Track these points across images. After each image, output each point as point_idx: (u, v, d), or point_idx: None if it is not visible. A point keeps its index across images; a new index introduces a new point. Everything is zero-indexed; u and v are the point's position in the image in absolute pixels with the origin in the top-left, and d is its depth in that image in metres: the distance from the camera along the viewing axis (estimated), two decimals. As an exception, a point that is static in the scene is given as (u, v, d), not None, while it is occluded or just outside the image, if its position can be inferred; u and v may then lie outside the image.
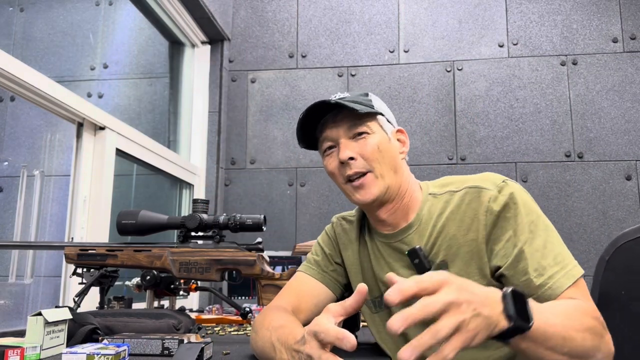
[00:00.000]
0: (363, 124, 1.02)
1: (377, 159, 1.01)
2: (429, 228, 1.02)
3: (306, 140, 1.09)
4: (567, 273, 0.90)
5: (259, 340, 0.93)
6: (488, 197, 0.97)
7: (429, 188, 1.07)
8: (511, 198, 0.96)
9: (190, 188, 2.89)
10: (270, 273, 1.34)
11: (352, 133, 1.02)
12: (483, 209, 0.96)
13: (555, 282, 0.89)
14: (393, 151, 1.04)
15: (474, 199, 0.98)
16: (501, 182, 0.98)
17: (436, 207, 1.03)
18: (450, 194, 1.02)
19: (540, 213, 0.97)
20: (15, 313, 1.87)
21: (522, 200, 0.96)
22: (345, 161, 1.01)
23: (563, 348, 0.79)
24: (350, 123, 1.02)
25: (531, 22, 2.94)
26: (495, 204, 0.95)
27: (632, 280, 1.08)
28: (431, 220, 1.02)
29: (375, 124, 1.04)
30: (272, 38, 3.13)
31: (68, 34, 2.31)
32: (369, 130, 1.02)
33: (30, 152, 2.06)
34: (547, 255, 0.92)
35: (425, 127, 2.91)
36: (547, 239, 0.93)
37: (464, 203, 0.99)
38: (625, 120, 2.77)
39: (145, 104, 2.80)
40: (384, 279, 1.06)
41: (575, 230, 2.70)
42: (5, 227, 1.91)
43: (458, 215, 0.99)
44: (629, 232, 1.10)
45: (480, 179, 1.01)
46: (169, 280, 1.51)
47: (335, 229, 1.18)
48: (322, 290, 1.12)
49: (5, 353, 0.89)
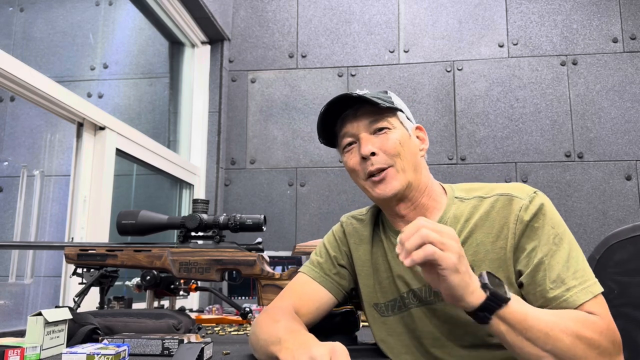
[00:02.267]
0: (384, 119, 1.01)
1: (399, 153, 1.00)
2: (456, 232, 1.00)
3: (326, 137, 1.08)
4: (586, 289, 0.89)
5: (262, 335, 0.93)
6: (519, 205, 0.96)
7: (455, 191, 1.06)
8: (541, 209, 0.95)
9: (190, 188, 2.89)
10: (270, 273, 1.34)
11: (373, 128, 1.01)
12: (514, 217, 0.96)
13: (572, 296, 0.89)
14: (414, 148, 1.04)
15: (505, 207, 0.97)
16: (532, 192, 0.98)
17: (463, 212, 1.01)
18: (479, 200, 1.01)
19: (566, 227, 0.96)
20: (15, 313, 1.87)
21: (551, 212, 0.96)
22: (367, 156, 1.00)
23: (546, 345, 0.80)
24: (372, 118, 1.01)
25: (531, 22, 2.94)
26: (526, 214, 0.95)
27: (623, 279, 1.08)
28: (457, 225, 1.00)
29: (396, 120, 1.03)
30: (272, 38, 3.13)
31: (68, 34, 2.31)
32: (390, 125, 1.02)
33: (30, 152, 2.06)
34: (568, 269, 0.91)
35: (425, 127, 2.87)
36: (571, 254, 0.93)
37: (494, 210, 0.98)
38: (625, 120, 2.77)
39: (145, 104, 2.80)
40: (404, 275, 1.05)
41: (575, 230, 2.70)
42: (5, 227, 1.91)
43: (487, 222, 0.98)
44: (620, 232, 1.10)
45: (512, 187, 1.00)
46: (169, 280, 1.51)
47: (346, 229, 1.15)
48: (323, 294, 1.10)
49: (5, 353, 0.89)
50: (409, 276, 1.04)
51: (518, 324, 0.81)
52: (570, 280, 0.90)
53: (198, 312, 2.02)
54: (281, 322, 0.93)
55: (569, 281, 0.90)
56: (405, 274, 1.04)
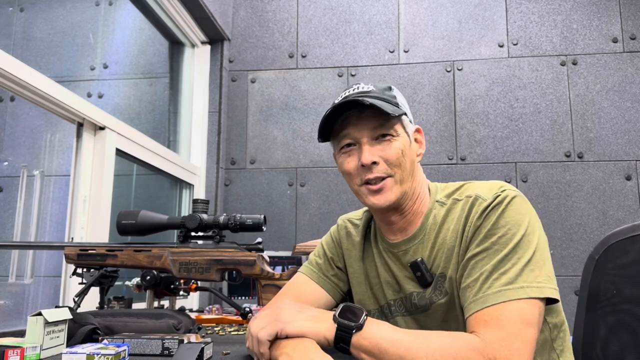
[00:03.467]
0: (390, 126, 0.96)
1: (400, 164, 0.96)
2: (432, 238, 0.99)
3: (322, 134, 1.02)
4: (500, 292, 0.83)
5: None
6: (481, 207, 0.93)
7: (437, 193, 1.03)
8: (497, 206, 0.91)
9: (190, 188, 2.89)
10: (270, 273, 1.34)
11: (376, 134, 0.96)
12: (471, 219, 0.93)
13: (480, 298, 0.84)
14: (413, 155, 1.01)
15: (469, 209, 0.95)
16: (500, 191, 0.93)
17: (440, 216, 0.99)
18: (454, 203, 0.99)
19: (525, 228, 0.88)
20: (15, 313, 1.87)
21: (511, 210, 0.90)
22: (368, 165, 0.96)
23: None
24: (377, 123, 0.96)
25: (531, 22, 2.94)
26: (483, 213, 0.92)
27: (623, 279, 1.07)
28: (434, 231, 0.99)
29: (400, 126, 0.99)
30: (272, 38, 3.13)
31: (68, 34, 2.31)
32: (394, 133, 0.97)
33: (30, 152, 2.06)
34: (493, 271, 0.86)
35: (425, 127, 2.91)
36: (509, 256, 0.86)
37: (462, 212, 0.96)
38: (625, 120, 2.77)
39: (145, 104, 2.80)
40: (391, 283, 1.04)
41: (575, 230, 2.70)
42: (5, 227, 1.91)
43: (455, 226, 0.96)
44: (619, 232, 1.10)
45: (482, 187, 0.97)
46: (169, 280, 1.51)
47: (340, 232, 1.15)
48: (321, 295, 1.10)
49: (5, 353, 0.89)
50: (396, 284, 1.04)
51: (372, 349, 0.80)
52: (487, 284, 0.85)
53: (198, 312, 2.02)
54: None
55: (484, 286, 0.85)
56: (392, 281, 1.04)
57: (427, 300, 0.99)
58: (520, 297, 0.82)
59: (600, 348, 1.05)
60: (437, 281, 0.98)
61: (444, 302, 0.97)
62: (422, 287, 0.99)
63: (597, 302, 1.09)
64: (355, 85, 1.01)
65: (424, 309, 1.00)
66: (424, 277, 0.98)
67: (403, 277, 1.02)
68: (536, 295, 0.83)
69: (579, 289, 1.13)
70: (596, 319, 0.86)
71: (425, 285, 0.99)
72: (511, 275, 0.84)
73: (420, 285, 0.99)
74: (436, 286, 0.98)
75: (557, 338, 0.99)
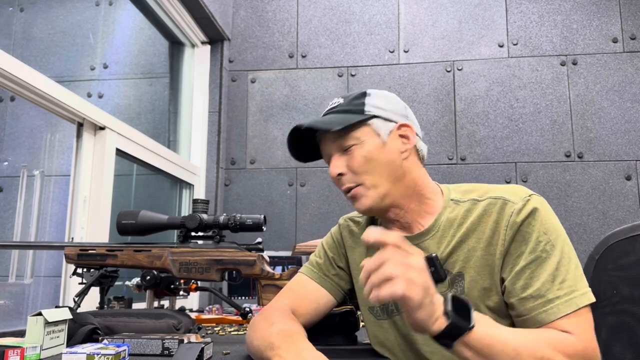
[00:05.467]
0: (349, 136, 0.99)
1: (367, 170, 0.98)
2: (448, 236, 0.98)
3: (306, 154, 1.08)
4: (570, 300, 0.86)
5: (256, 340, 0.93)
6: (511, 210, 0.93)
7: (451, 193, 1.03)
8: (532, 213, 0.92)
9: (190, 188, 2.89)
10: (270, 273, 1.34)
11: (340, 147, 1.00)
12: (504, 223, 0.93)
13: (549, 309, 0.87)
14: (389, 156, 0.99)
15: (497, 211, 0.94)
16: (527, 195, 0.94)
17: (457, 215, 0.99)
18: (473, 203, 0.98)
19: (561, 234, 0.93)
20: (15, 313, 1.87)
21: (545, 217, 0.93)
22: (335, 178, 1.00)
23: None
24: (337, 136, 1.00)
25: (531, 22, 2.94)
26: (517, 218, 0.92)
27: (623, 279, 1.07)
28: (451, 229, 0.98)
29: (366, 131, 0.99)
30: (272, 38, 3.13)
31: (68, 34, 2.31)
32: (356, 141, 0.98)
33: (30, 152, 2.06)
34: (554, 280, 0.88)
35: (425, 127, 2.91)
36: (562, 262, 0.89)
37: (487, 214, 0.95)
38: (625, 120, 2.77)
39: (145, 104, 2.80)
40: None
41: (576, 230, 2.70)
42: (5, 227, 1.91)
43: (480, 227, 0.96)
44: (619, 232, 1.10)
45: (507, 190, 0.97)
46: (169, 280, 1.51)
47: (342, 232, 1.15)
48: (322, 295, 1.10)
49: (5, 353, 0.89)
50: None
51: (483, 349, 0.79)
52: (553, 291, 0.87)
53: (198, 312, 2.02)
54: (275, 326, 0.92)
55: (551, 293, 0.87)
56: None
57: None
58: (585, 303, 0.87)
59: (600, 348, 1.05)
60: (454, 280, 0.97)
61: None
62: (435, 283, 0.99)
63: (597, 302, 1.08)
64: (331, 101, 1.06)
65: None
66: (437, 272, 0.96)
67: None
68: (590, 300, 0.89)
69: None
70: (596, 319, 0.86)
71: (437, 281, 0.98)
72: (570, 283, 0.88)
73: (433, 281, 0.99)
74: (452, 284, 0.97)
75: None
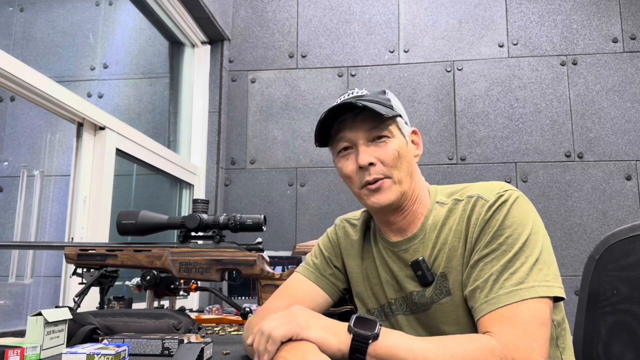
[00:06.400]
0: (385, 127, 0.97)
1: (397, 165, 0.97)
2: (433, 238, 0.99)
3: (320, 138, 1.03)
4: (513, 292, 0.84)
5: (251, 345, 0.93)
6: (483, 207, 0.93)
7: (437, 195, 1.04)
8: (499, 208, 0.92)
9: (190, 188, 2.89)
10: (270, 273, 1.34)
11: (372, 136, 0.97)
12: (474, 220, 0.94)
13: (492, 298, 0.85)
14: (410, 156, 1.01)
15: (471, 209, 0.95)
16: (501, 191, 0.94)
17: (440, 217, 1.00)
18: (454, 203, 0.99)
19: (529, 227, 0.90)
20: (15, 313, 1.87)
21: (515, 211, 0.91)
22: (365, 166, 0.97)
23: None
24: (372, 125, 0.97)
25: (531, 22, 2.94)
26: (487, 215, 0.92)
27: (623, 279, 1.07)
28: (435, 231, 0.99)
29: (395, 127, 0.99)
30: (272, 38, 3.13)
31: (68, 34, 2.31)
32: (389, 134, 0.98)
33: (30, 152, 2.06)
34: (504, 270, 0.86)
35: (425, 127, 2.91)
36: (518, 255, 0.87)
37: (464, 213, 0.96)
38: (625, 120, 2.77)
39: (145, 104, 2.80)
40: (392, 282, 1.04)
41: (575, 230, 2.70)
42: (5, 227, 1.91)
43: (457, 226, 0.96)
44: (619, 232, 1.10)
45: (483, 188, 0.98)
46: (169, 280, 1.51)
47: (338, 232, 1.15)
48: (319, 294, 1.10)
49: (5, 353, 0.89)
50: (396, 283, 1.04)
51: (390, 357, 0.80)
52: (499, 282, 0.86)
53: (198, 312, 2.02)
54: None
55: (497, 284, 0.86)
56: (392, 281, 1.04)
57: (428, 299, 0.99)
58: (532, 296, 0.84)
59: (600, 348, 1.05)
60: (438, 281, 0.98)
61: (445, 302, 0.97)
62: (422, 286, 0.99)
63: (597, 302, 1.09)
64: (350, 90, 1.03)
65: (424, 308, 1.00)
66: (424, 276, 0.98)
67: (403, 276, 1.02)
68: (546, 294, 0.85)
69: (579, 289, 1.13)
70: (596, 319, 0.86)
71: (425, 284, 0.99)
72: (521, 275, 0.85)
73: (420, 284, 1.00)
74: (437, 286, 0.98)
75: (560, 336, 1.00)
